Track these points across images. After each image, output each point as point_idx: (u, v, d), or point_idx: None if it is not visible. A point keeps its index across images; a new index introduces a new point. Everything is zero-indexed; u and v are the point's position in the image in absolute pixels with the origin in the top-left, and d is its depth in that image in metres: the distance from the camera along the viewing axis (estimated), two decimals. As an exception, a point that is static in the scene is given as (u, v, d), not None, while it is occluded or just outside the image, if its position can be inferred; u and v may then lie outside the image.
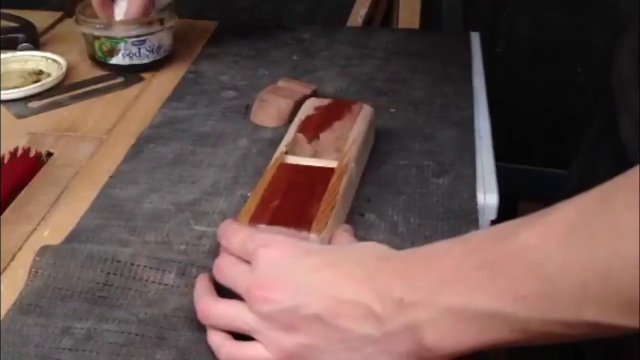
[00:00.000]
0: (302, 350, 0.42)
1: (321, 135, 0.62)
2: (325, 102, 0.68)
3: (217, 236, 0.50)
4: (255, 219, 0.52)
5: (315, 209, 0.53)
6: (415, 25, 1.19)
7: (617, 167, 0.35)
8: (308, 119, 0.65)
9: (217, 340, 0.46)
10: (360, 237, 0.54)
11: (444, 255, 0.39)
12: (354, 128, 0.63)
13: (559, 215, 0.36)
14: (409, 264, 0.41)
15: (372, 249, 0.44)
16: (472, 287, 0.37)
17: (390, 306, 0.39)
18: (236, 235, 0.48)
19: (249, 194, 0.61)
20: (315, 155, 0.62)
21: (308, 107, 0.67)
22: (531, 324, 0.35)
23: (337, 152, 0.61)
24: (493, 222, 0.63)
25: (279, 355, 0.43)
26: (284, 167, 0.58)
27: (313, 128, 0.63)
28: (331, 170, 0.57)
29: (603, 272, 0.33)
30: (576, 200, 0.36)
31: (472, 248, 0.38)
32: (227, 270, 0.47)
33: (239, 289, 0.45)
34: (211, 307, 0.46)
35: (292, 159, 0.60)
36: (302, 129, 0.63)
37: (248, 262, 0.46)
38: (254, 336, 0.44)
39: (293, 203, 0.54)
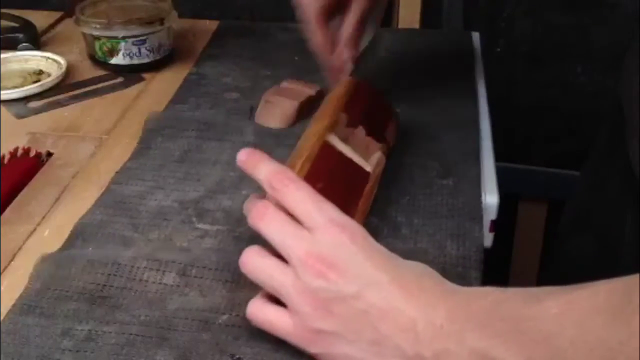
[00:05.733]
0: (326, 335, 0.42)
1: (359, 127, 0.60)
2: (378, 93, 0.66)
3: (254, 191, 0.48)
4: None
5: (353, 209, 0.52)
6: (415, 25, 1.19)
7: (626, 189, 0.35)
8: (356, 102, 0.61)
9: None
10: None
11: (481, 297, 0.41)
12: (388, 134, 0.63)
13: (584, 295, 0.37)
14: (455, 297, 0.42)
15: (426, 268, 0.45)
16: (495, 335, 0.38)
17: (431, 329, 0.40)
18: (297, 191, 0.46)
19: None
20: (345, 140, 0.59)
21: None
22: None
23: (365, 150, 0.59)
24: (493, 222, 0.63)
25: (300, 331, 0.43)
26: (328, 148, 0.56)
27: (358, 114, 0.61)
28: (366, 173, 0.57)
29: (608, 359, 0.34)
30: (603, 285, 0.37)
31: (503, 299, 0.40)
32: (274, 224, 0.45)
33: (286, 249, 0.43)
34: (255, 257, 0.45)
35: (332, 139, 0.57)
36: (347, 108, 0.60)
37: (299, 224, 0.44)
38: (286, 302, 0.43)
39: (334, 194, 0.50)
